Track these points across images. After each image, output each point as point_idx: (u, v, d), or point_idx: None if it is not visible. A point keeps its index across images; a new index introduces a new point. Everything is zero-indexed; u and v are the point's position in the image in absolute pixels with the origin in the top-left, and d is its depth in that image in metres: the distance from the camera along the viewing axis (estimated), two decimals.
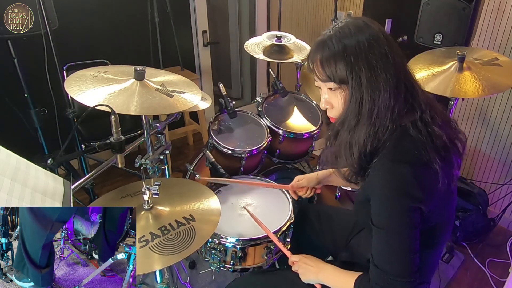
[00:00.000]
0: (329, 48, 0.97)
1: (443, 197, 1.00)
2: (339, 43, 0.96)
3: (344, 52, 0.95)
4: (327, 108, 1.08)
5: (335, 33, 0.98)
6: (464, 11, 1.92)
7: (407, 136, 0.97)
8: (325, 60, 0.98)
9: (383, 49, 0.96)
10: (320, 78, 1.02)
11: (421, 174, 0.93)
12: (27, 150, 1.26)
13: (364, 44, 0.95)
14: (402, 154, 0.95)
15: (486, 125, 2.40)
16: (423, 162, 0.93)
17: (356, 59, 0.95)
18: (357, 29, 0.97)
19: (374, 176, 0.98)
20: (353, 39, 0.96)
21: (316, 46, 1.01)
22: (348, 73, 0.96)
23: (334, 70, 0.97)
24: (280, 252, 1.53)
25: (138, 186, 1.37)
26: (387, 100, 0.95)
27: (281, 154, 2.06)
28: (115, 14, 2.92)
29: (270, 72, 2.48)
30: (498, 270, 2.18)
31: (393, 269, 0.96)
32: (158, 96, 1.29)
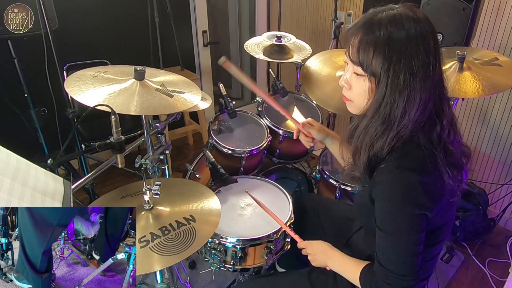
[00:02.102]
0: (373, 33, 0.89)
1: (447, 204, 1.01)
2: (386, 33, 0.88)
3: (387, 46, 0.88)
4: (344, 86, 1.03)
5: (388, 18, 0.90)
6: (464, 11, 1.92)
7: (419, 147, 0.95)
8: (364, 43, 0.91)
9: (428, 58, 0.90)
10: (351, 58, 0.96)
11: (427, 182, 0.93)
12: (27, 150, 1.26)
13: (412, 46, 0.88)
14: (410, 162, 0.94)
15: (486, 125, 2.40)
16: (430, 170, 0.93)
17: (398, 59, 0.89)
18: (410, 27, 0.89)
19: (381, 181, 0.97)
20: (402, 35, 0.88)
21: (362, 23, 0.93)
22: (384, 70, 0.90)
23: (369, 59, 0.91)
24: (280, 252, 1.53)
25: (138, 186, 1.37)
26: (412, 111, 0.92)
27: (281, 154, 2.06)
28: (115, 14, 2.92)
29: (270, 72, 2.48)
30: (498, 270, 2.18)
31: (397, 269, 0.98)
32: (158, 96, 1.29)
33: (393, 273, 0.98)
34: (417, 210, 0.93)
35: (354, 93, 1.02)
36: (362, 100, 1.00)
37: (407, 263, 0.97)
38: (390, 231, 0.97)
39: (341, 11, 3.00)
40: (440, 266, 2.17)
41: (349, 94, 1.04)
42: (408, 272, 0.97)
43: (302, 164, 2.61)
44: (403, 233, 0.96)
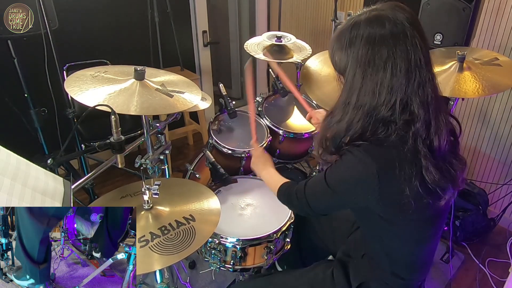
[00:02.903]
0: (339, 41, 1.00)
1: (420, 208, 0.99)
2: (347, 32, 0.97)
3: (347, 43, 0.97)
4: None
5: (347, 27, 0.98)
6: (464, 11, 1.92)
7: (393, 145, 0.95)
8: (331, 50, 1.04)
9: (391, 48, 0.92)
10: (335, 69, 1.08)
11: (384, 178, 0.95)
12: (27, 150, 1.26)
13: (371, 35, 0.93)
14: (378, 151, 0.96)
15: (486, 125, 2.40)
16: (393, 169, 0.94)
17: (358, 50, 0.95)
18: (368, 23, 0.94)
19: (345, 153, 1.01)
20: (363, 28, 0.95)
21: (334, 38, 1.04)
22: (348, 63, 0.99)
23: (337, 59, 1.03)
24: (280, 252, 1.53)
25: (138, 186, 1.37)
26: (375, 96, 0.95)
27: (281, 154, 2.06)
28: (115, 14, 2.92)
29: (270, 72, 2.48)
30: (498, 270, 2.18)
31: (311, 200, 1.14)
32: (158, 96, 1.29)
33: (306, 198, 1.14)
34: (363, 187, 0.99)
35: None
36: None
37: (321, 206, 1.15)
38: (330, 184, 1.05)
39: (341, 11, 3.00)
40: (440, 266, 2.17)
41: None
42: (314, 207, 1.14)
43: (302, 164, 2.61)
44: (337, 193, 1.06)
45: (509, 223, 2.47)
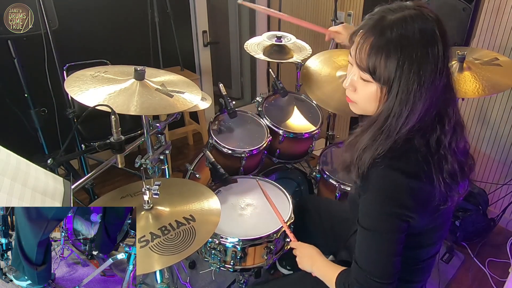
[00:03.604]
0: (385, 39, 0.86)
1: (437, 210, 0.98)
2: (397, 38, 0.85)
3: (399, 54, 0.85)
4: (349, 89, 1.00)
5: (398, 24, 0.86)
6: (464, 11, 1.92)
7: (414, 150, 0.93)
8: (375, 50, 0.87)
9: (436, 65, 0.88)
10: (358, 64, 0.92)
11: (415, 188, 0.91)
12: (27, 150, 1.26)
13: (422, 53, 0.86)
14: (402, 164, 0.92)
15: (486, 125, 2.40)
16: (421, 177, 0.91)
17: (409, 69, 0.85)
18: (421, 31, 0.86)
19: (369, 176, 0.96)
20: (413, 42, 0.85)
21: (374, 25, 0.88)
22: (395, 79, 0.87)
23: (380, 67, 0.87)
24: (280, 252, 1.53)
25: (138, 186, 1.37)
26: (413, 119, 0.89)
27: (281, 154, 2.06)
28: (115, 14, 2.92)
29: (270, 72, 2.48)
30: (498, 270, 2.18)
31: (372, 269, 0.96)
32: (158, 96, 1.29)
33: (368, 272, 0.96)
34: (400, 210, 0.92)
35: (359, 97, 0.99)
36: (368, 104, 0.98)
37: (382, 262, 0.96)
38: (369, 226, 0.96)
39: (341, 11, 3.00)
40: (440, 266, 2.17)
41: (353, 96, 1.01)
42: (383, 274, 0.95)
43: (302, 164, 2.61)
44: (381, 230, 0.95)
45: (509, 223, 2.47)
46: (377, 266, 0.96)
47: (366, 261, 0.98)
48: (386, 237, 0.95)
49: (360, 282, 0.97)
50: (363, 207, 0.98)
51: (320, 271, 1.18)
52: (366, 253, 0.98)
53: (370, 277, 0.96)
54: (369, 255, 0.98)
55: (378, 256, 0.96)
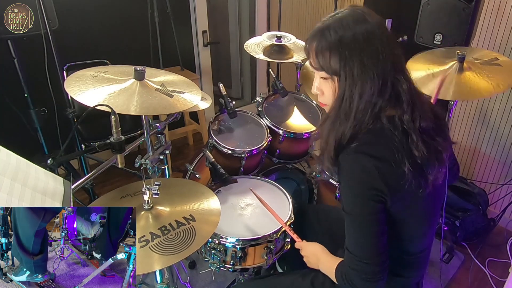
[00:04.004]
0: (326, 39, 0.98)
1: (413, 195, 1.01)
2: (335, 35, 0.97)
3: (339, 45, 0.97)
4: (317, 93, 1.11)
5: (334, 23, 0.99)
6: (464, 11, 1.92)
7: (382, 133, 0.99)
8: (320, 50, 1.00)
9: (376, 46, 0.97)
10: (314, 66, 1.05)
11: (384, 168, 0.96)
12: (27, 150, 1.26)
13: (359, 39, 0.96)
14: (369, 147, 0.98)
15: (486, 125, 2.40)
16: (389, 159, 0.96)
17: (350, 54, 0.96)
18: (356, 23, 0.97)
19: (341, 165, 1.01)
20: (349, 32, 0.96)
21: (314, 34, 1.02)
22: (341, 67, 0.98)
23: (327, 61, 0.99)
24: (280, 252, 1.53)
25: (138, 186, 1.37)
26: (371, 97, 0.98)
27: (281, 154, 2.06)
28: (115, 14, 2.92)
29: (270, 72, 2.48)
30: (498, 270, 2.18)
31: (360, 253, 1.01)
32: (158, 96, 1.29)
33: (357, 256, 1.01)
34: (372, 192, 0.97)
35: (326, 97, 1.08)
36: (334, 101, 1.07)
37: (367, 244, 1.00)
38: (349, 211, 1.01)
39: None
40: (440, 266, 2.17)
41: (323, 99, 1.10)
42: (368, 254, 1.00)
43: (302, 164, 2.61)
44: (360, 212, 1.00)
45: (509, 223, 2.47)
46: (364, 248, 1.01)
47: (354, 245, 1.03)
48: (366, 219, 1.00)
49: (353, 268, 1.02)
50: (342, 194, 1.04)
51: (325, 267, 1.21)
52: (353, 237, 1.03)
53: (360, 260, 1.00)
54: (355, 239, 1.03)
55: (363, 238, 1.01)
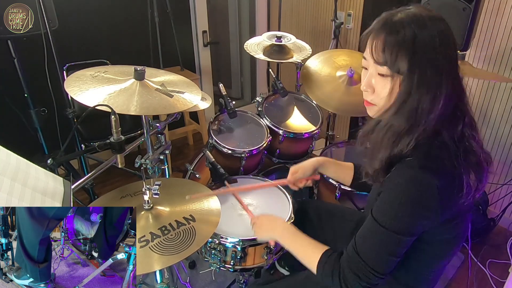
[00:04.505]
0: (398, 33, 0.89)
1: (460, 212, 0.98)
2: (410, 32, 0.88)
3: (413, 43, 0.88)
4: (367, 91, 1.00)
5: (408, 18, 0.90)
6: (464, 11, 1.92)
7: (441, 144, 0.93)
8: (389, 43, 0.90)
9: (451, 52, 0.90)
10: (375, 59, 0.93)
11: (445, 187, 0.90)
12: (27, 150, 1.26)
13: (436, 40, 0.88)
14: (432, 163, 0.91)
15: (486, 125, 2.40)
16: (451, 174, 0.91)
17: (424, 55, 0.88)
18: (431, 21, 0.89)
19: (397, 176, 0.94)
20: (426, 31, 0.88)
21: (383, 24, 0.92)
22: (410, 67, 0.89)
23: (395, 58, 0.89)
24: (280, 252, 1.53)
25: (138, 186, 1.37)
26: (438, 106, 0.90)
27: (281, 154, 2.06)
28: (115, 14, 2.92)
29: (270, 72, 2.48)
30: (498, 270, 2.18)
31: (372, 262, 0.96)
32: (158, 96, 1.29)
33: (368, 265, 0.95)
34: (424, 212, 0.91)
35: (378, 95, 0.98)
36: (387, 102, 0.97)
37: (385, 260, 0.96)
38: (383, 223, 0.94)
39: (341, 11, 3.00)
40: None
41: (372, 98, 1.00)
42: (382, 270, 0.95)
43: None
44: (395, 230, 0.93)
45: (509, 223, 2.47)
46: (378, 261, 0.96)
47: (370, 254, 0.97)
48: (396, 238, 0.94)
49: (355, 271, 0.97)
50: (384, 204, 0.96)
51: (289, 240, 1.14)
52: (371, 244, 0.97)
53: (368, 268, 0.95)
54: (373, 248, 0.96)
55: (382, 252, 0.95)
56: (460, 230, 1.04)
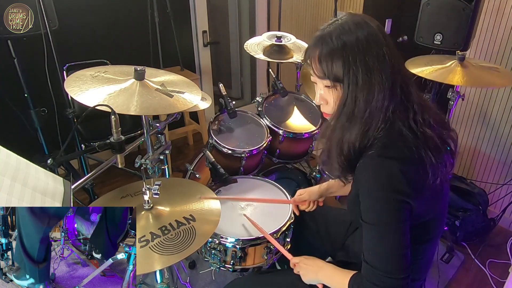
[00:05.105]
0: (328, 45, 0.96)
1: (433, 194, 1.01)
2: (338, 40, 0.95)
3: (343, 50, 0.95)
4: (321, 103, 1.08)
5: (335, 30, 0.97)
6: (464, 11, 1.92)
7: (398, 134, 0.97)
8: (323, 56, 0.97)
9: (381, 50, 0.96)
10: (316, 74, 1.02)
11: (408, 170, 0.94)
12: (27, 150, 1.26)
13: (363, 43, 0.94)
14: (390, 150, 0.96)
15: (486, 125, 2.40)
16: (411, 159, 0.95)
17: (354, 58, 0.94)
18: (357, 27, 0.96)
19: (362, 172, 0.99)
20: (352, 37, 0.95)
21: (315, 42, 1.00)
22: (345, 72, 0.96)
23: (330, 67, 0.97)
24: (280, 252, 1.53)
25: (138, 186, 1.37)
26: (381, 102, 0.96)
27: (281, 154, 2.06)
28: (115, 14, 2.92)
29: (270, 72, 2.48)
30: (498, 270, 2.18)
31: (384, 265, 0.96)
32: (158, 96, 1.29)
33: (379, 270, 0.95)
34: (399, 196, 0.94)
35: (330, 105, 1.06)
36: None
37: (392, 257, 0.95)
38: (374, 221, 0.97)
39: (341, 11, 3.00)
40: (440, 266, 2.17)
41: (327, 108, 1.08)
42: (395, 269, 0.95)
43: (302, 164, 2.61)
44: (386, 221, 0.95)
45: (509, 223, 2.47)
46: (388, 261, 0.95)
47: (376, 258, 0.97)
48: (392, 228, 0.95)
49: (374, 282, 0.96)
50: (364, 202, 0.99)
51: (329, 278, 1.16)
52: (375, 249, 0.97)
53: (383, 275, 0.95)
54: (378, 251, 0.97)
55: (387, 250, 0.96)
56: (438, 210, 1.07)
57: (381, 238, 0.96)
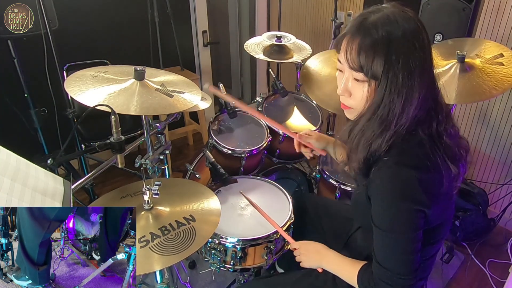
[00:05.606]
0: (371, 36, 0.88)
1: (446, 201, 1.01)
2: (384, 32, 0.87)
3: (387, 46, 0.87)
4: (344, 95, 1.01)
5: (381, 21, 0.89)
6: (464, 11, 1.92)
7: (416, 141, 0.95)
8: (364, 48, 0.89)
9: (423, 53, 0.90)
10: (350, 65, 0.93)
11: (426, 179, 0.92)
12: (27, 150, 1.26)
13: (408, 43, 0.88)
14: (408, 158, 0.94)
15: (486, 125, 2.40)
16: (429, 167, 0.92)
17: (398, 59, 0.88)
18: (404, 19, 0.89)
19: (378, 177, 0.96)
20: (399, 34, 0.87)
21: (357, 28, 0.91)
22: (385, 71, 0.89)
23: (370, 63, 0.89)
24: (280, 252, 1.53)
25: (138, 186, 1.37)
26: (412, 108, 0.92)
27: (281, 154, 2.06)
28: (115, 14, 2.92)
29: (270, 72, 2.48)
30: (498, 270, 2.18)
31: (395, 268, 0.98)
32: (158, 96, 1.29)
33: (392, 272, 0.98)
34: (415, 206, 0.93)
35: (355, 100, 1.00)
36: (364, 106, 0.98)
37: (405, 261, 0.97)
38: (388, 228, 0.97)
39: (341, 11, 3.00)
40: (440, 266, 2.17)
41: (349, 101, 1.02)
42: (407, 271, 0.97)
43: (302, 164, 2.61)
44: (400, 230, 0.95)
45: (509, 223, 2.47)
46: (401, 265, 0.97)
47: (389, 261, 0.99)
48: (405, 237, 0.96)
49: (386, 281, 0.98)
50: (378, 210, 0.98)
51: (334, 265, 1.17)
52: (388, 253, 0.99)
53: (395, 276, 0.97)
54: (391, 255, 0.98)
55: (400, 256, 0.97)
56: (447, 215, 1.07)
57: (395, 245, 0.97)
